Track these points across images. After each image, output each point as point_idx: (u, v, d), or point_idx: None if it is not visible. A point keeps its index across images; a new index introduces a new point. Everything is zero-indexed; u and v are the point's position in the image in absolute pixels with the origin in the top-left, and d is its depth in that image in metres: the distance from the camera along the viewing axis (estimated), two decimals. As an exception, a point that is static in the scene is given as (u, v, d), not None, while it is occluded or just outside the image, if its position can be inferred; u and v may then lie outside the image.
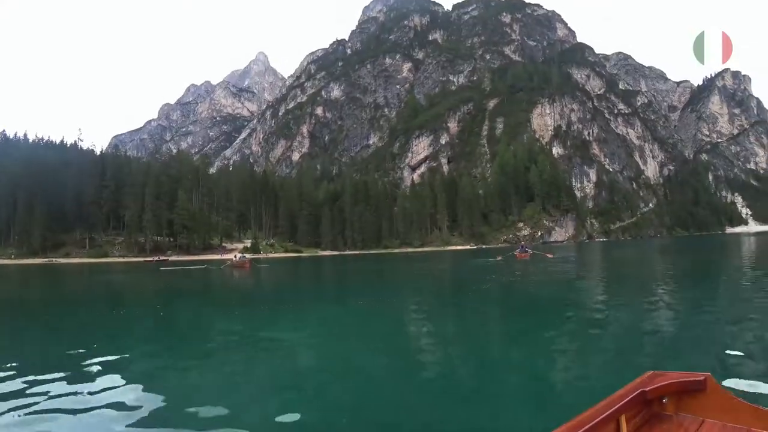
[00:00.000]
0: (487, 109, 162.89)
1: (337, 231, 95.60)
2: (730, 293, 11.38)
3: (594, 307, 10.04)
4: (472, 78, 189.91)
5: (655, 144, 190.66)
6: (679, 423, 1.81)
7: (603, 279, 17.39)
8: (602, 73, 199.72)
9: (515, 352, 6.16)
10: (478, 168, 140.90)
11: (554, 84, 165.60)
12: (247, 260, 35.48)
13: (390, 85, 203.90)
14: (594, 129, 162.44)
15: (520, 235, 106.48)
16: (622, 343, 6.44)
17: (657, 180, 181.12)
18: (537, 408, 3.89)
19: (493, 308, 11.16)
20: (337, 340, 7.43)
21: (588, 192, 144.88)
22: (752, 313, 7.92)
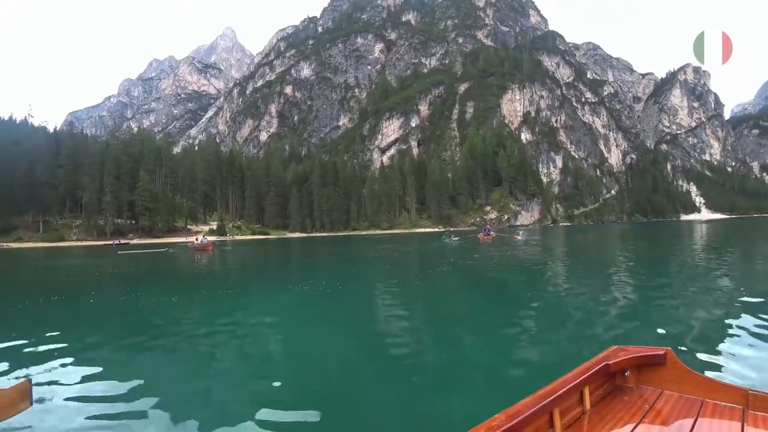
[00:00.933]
0: (458, 93, 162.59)
1: (305, 213, 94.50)
2: (684, 274, 11.81)
3: (557, 288, 10.18)
4: (444, 61, 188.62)
5: (619, 133, 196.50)
6: (639, 394, 1.89)
7: (566, 261, 17.59)
8: (572, 62, 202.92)
9: (481, 332, 6.08)
10: (447, 151, 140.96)
11: (525, 70, 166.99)
12: (210, 243, 34.11)
13: (361, 65, 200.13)
14: (562, 116, 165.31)
15: (488, 218, 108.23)
16: (586, 320, 6.53)
17: (619, 168, 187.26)
18: (504, 384, 3.91)
19: (458, 290, 10.93)
20: (300, 325, 7.07)
21: (554, 178, 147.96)
22: (704, 293, 8.32)
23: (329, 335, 6.23)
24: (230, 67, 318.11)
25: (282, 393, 3.86)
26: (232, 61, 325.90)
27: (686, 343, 4.74)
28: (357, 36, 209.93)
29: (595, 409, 1.76)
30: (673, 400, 1.81)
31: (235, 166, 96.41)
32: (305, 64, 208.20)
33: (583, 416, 1.70)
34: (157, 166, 79.77)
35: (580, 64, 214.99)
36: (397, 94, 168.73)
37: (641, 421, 1.62)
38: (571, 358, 3.73)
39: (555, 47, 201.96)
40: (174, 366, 4.98)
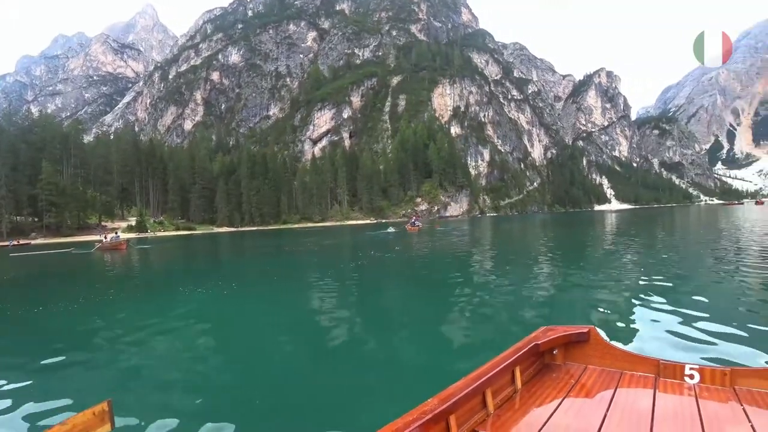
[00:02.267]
0: (391, 86, 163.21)
1: (233, 206, 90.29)
2: (599, 258, 12.56)
3: (485, 274, 10.33)
4: (378, 53, 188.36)
5: (542, 129, 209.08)
6: (566, 370, 2.00)
7: (493, 249, 17.86)
8: (500, 60, 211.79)
9: (413, 319, 6.01)
10: (379, 143, 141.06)
11: (456, 66, 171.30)
12: (123, 241, 30.27)
13: (293, 53, 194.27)
14: (489, 112, 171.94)
15: (418, 209, 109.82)
16: (515, 303, 6.63)
17: (541, 162, 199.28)
18: (438, 369, 3.90)
19: (389, 280, 10.70)
20: (216, 329, 6.30)
21: (481, 170, 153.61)
22: (615, 274, 8.79)
23: (250, 337, 5.68)
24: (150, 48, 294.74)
25: (204, 407, 3.41)
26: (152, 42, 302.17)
27: (606, 320, 5.00)
28: (289, 23, 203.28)
29: (526, 387, 1.83)
30: (596, 373, 1.93)
31: (157, 157, 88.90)
32: (234, 50, 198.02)
33: (514, 395, 1.76)
34: (64, 156, 70.32)
35: (507, 63, 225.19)
36: (329, 84, 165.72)
37: (567, 394, 1.72)
38: (503, 340, 3.75)
39: (485, 45, 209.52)
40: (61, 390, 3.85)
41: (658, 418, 1.46)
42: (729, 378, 1.74)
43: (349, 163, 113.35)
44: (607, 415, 1.50)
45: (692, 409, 1.54)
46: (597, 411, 1.55)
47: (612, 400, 1.64)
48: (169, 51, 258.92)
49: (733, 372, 1.75)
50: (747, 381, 1.72)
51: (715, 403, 1.59)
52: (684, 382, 1.79)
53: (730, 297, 6.32)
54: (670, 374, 1.83)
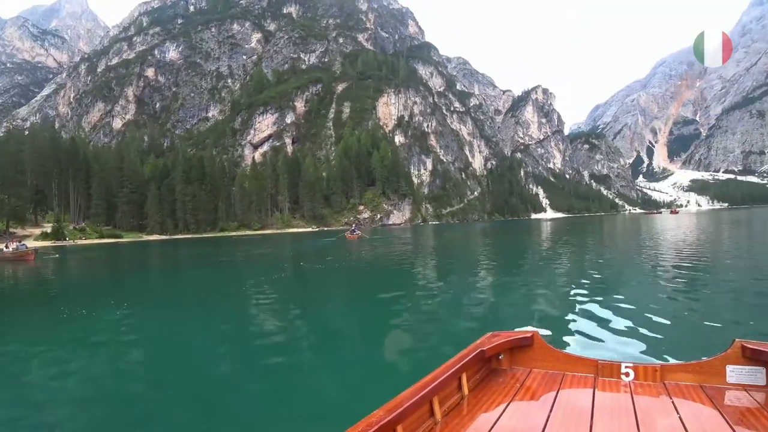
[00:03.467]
0: (336, 92, 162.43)
1: (166, 212, 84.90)
2: (536, 264, 13.02)
3: (429, 282, 10.32)
4: (324, 59, 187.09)
5: (482, 141, 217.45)
6: (512, 374, 2.06)
7: (435, 257, 18.05)
8: (444, 73, 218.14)
9: (359, 330, 5.97)
10: (322, 150, 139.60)
11: (401, 76, 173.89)
12: (31, 251, 26.96)
13: (236, 54, 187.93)
14: (433, 122, 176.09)
15: (361, 217, 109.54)
16: (460, 310, 6.70)
17: (482, 172, 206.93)
18: (385, 380, 3.91)
19: (330, 289, 10.64)
20: (157, 346, 5.90)
21: (424, 179, 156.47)
22: (552, 279, 9.11)
23: (162, 368, 5.09)
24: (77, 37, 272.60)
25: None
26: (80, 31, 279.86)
27: (547, 324, 5.17)
28: (233, 22, 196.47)
29: (473, 393, 1.86)
30: (540, 376, 2.00)
31: (80, 157, 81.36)
32: (172, 46, 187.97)
33: (462, 401, 1.79)
34: (-40, 152, 63.03)
35: (451, 76, 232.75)
36: (272, 88, 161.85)
37: (513, 398, 1.76)
38: (449, 348, 3.80)
39: (430, 58, 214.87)
40: None
41: (597, 415, 1.54)
42: (660, 374, 1.86)
43: (291, 170, 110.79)
44: (550, 416, 1.56)
45: (628, 404, 1.63)
46: (541, 412, 1.61)
47: (555, 400, 1.71)
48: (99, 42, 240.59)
49: (663, 368, 1.88)
50: (675, 375, 1.85)
51: (648, 397, 1.69)
52: (620, 379, 1.88)
53: (654, 296, 6.75)
54: (608, 373, 1.92)
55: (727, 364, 1.82)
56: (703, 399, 1.66)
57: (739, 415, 1.49)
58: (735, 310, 5.97)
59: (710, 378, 1.82)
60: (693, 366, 1.87)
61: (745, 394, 1.69)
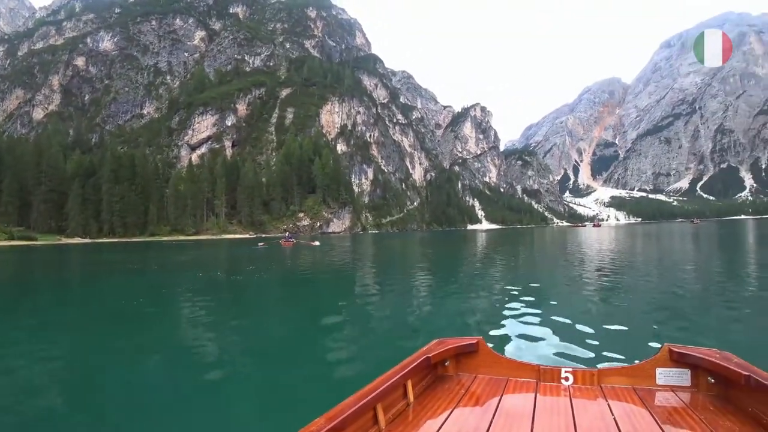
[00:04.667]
0: (279, 97, 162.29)
1: (90, 214, 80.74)
2: (477, 272, 13.04)
3: (369, 290, 10.17)
4: (269, 63, 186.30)
5: (423, 153, 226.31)
6: (458, 381, 2.08)
7: (374, 265, 17.66)
8: (388, 85, 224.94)
9: (298, 339, 5.77)
10: (263, 155, 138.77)
11: (346, 85, 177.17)
12: None
13: (177, 50, 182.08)
14: (375, 133, 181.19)
15: (300, 225, 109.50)
16: (404, 318, 6.63)
17: (421, 183, 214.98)
18: (330, 385, 3.85)
19: (265, 298, 10.08)
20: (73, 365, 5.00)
21: (365, 188, 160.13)
22: (491, 286, 9.27)
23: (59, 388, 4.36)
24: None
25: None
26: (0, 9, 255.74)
27: (491, 330, 5.25)
28: (176, 17, 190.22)
29: (418, 400, 1.86)
30: (485, 381, 2.03)
31: None
32: (106, 35, 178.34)
33: (407, 408, 1.79)
34: None
35: (395, 89, 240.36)
36: (214, 88, 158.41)
37: (458, 404, 1.78)
38: (393, 355, 3.30)
39: (375, 70, 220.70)
40: None
41: (538, 418, 1.60)
42: (596, 377, 1.94)
43: (229, 174, 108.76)
44: (493, 420, 1.59)
45: (566, 407, 1.71)
46: (485, 417, 1.64)
47: (498, 405, 1.74)
48: (22, 23, 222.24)
49: (600, 372, 1.96)
50: (611, 379, 1.94)
51: (586, 400, 1.77)
52: (560, 384, 1.94)
53: (585, 303, 7.18)
54: (549, 378, 1.98)
55: (656, 367, 1.93)
56: (636, 400, 1.75)
57: (667, 415, 1.60)
58: (658, 314, 6.27)
59: (642, 380, 1.92)
60: (626, 370, 1.98)
61: (673, 395, 1.81)
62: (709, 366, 1.80)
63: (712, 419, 1.55)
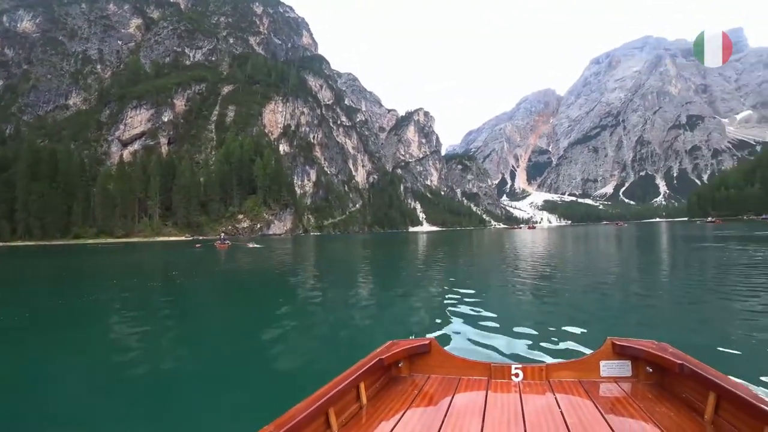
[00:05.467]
0: (221, 94, 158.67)
1: (1, 213, 75.32)
2: (421, 273, 12.97)
3: (313, 292, 9.74)
4: (211, 58, 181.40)
5: (366, 155, 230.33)
6: (411, 381, 2.12)
7: (317, 268, 16.93)
8: (333, 87, 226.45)
9: (242, 345, 5.37)
10: (201, 154, 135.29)
11: (290, 85, 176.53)
12: None
13: (109, 37, 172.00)
14: (319, 134, 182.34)
15: (240, 226, 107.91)
16: (353, 321, 6.50)
17: (364, 185, 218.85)
18: (276, 395, 3.67)
19: (202, 305, 9.16)
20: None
21: (307, 190, 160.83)
22: (440, 286, 9.18)
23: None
24: None
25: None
26: None
27: (442, 330, 5.24)
28: (110, 1, 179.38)
29: (372, 402, 1.89)
30: (438, 381, 2.09)
31: None
32: (27, 15, 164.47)
33: (360, 411, 1.81)
34: None
35: (340, 91, 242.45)
36: (150, 81, 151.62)
37: (411, 405, 1.82)
38: (345, 358, 3.32)
39: (321, 70, 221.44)
40: None
41: (489, 414, 1.64)
42: (545, 372, 2.03)
43: (165, 172, 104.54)
44: (445, 418, 1.63)
45: (516, 402, 1.76)
46: (437, 416, 1.66)
47: (450, 404, 1.78)
48: None
49: (548, 367, 2.06)
50: (558, 373, 2.04)
51: (535, 395, 1.84)
52: (511, 380, 2.02)
53: (529, 300, 7.33)
54: (500, 375, 2.05)
55: (600, 360, 2.03)
56: (581, 393, 1.84)
57: (610, 405, 1.69)
58: (600, 309, 6.47)
59: (587, 373, 2.02)
60: (573, 364, 2.07)
61: (616, 386, 1.91)
62: (647, 357, 1.91)
63: (650, 406, 1.64)
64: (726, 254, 13.88)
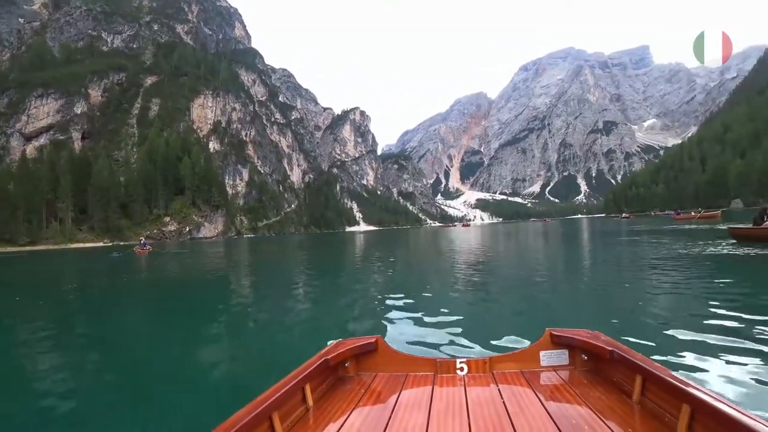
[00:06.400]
0: (144, 86, 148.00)
1: None
2: (360, 273, 12.80)
3: (251, 298, 9.29)
4: (132, 45, 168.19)
5: (301, 154, 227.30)
6: (358, 380, 2.12)
7: (253, 271, 16.18)
8: (267, 83, 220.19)
9: (173, 357, 4.98)
10: (122, 151, 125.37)
11: (221, 79, 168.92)
12: None
13: (9, 14, 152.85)
14: (252, 131, 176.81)
15: (166, 230, 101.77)
16: (294, 324, 6.28)
17: (299, 185, 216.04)
18: (223, 400, 3.47)
19: (135, 310, 8.74)
20: None
21: (240, 190, 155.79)
22: (380, 286, 9.26)
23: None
24: None
25: None
26: None
27: (387, 328, 5.21)
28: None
29: (318, 404, 1.87)
30: (385, 379, 2.12)
31: None
32: None
33: (307, 413, 1.79)
34: None
35: (274, 87, 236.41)
36: (60, 67, 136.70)
37: (358, 404, 1.83)
38: (293, 360, 2.83)
39: (254, 64, 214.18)
40: None
41: (434, 408, 1.69)
42: (488, 365, 2.09)
43: (78, 171, 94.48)
44: (392, 416, 1.65)
45: (461, 396, 1.81)
46: (384, 413, 1.69)
47: (397, 400, 1.81)
48: None
49: (492, 360, 2.12)
50: (502, 365, 2.11)
51: (479, 387, 1.90)
52: (456, 374, 2.06)
53: (469, 295, 7.39)
54: (445, 370, 2.10)
55: (540, 350, 2.13)
56: (523, 382, 1.92)
57: (549, 393, 1.78)
58: (538, 302, 6.68)
59: (529, 364, 2.11)
60: (515, 355, 2.15)
61: (554, 374, 2.01)
62: (582, 345, 2.03)
63: (585, 392, 1.76)
64: (639, 248, 14.70)
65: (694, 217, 39.15)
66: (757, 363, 3.26)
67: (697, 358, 3.44)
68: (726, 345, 3.70)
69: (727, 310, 4.93)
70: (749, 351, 3.52)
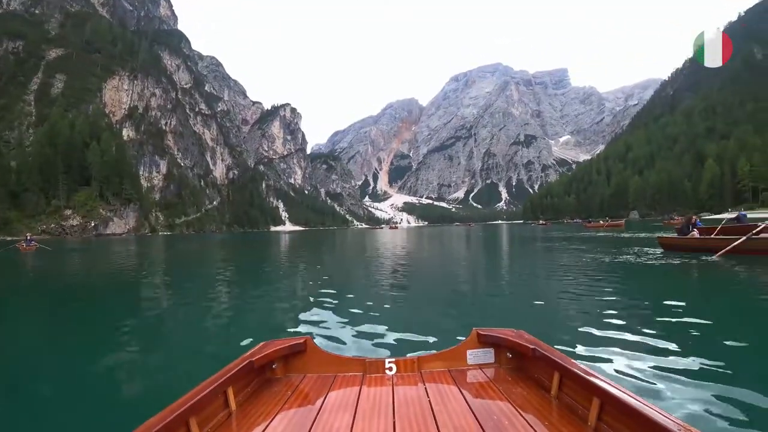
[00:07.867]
0: (46, 59, 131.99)
1: None
2: (286, 275, 12.43)
3: (165, 300, 8.68)
4: (33, 9, 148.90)
5: (226, 149, 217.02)
6: (287, 382, 2.10)
7: (167, 272, 15.01)
8: (193, 69, 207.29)
9: (78, 365, 4.38)
10: (14, 131, 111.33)
11: (140, 60, 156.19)
12: None
13: None
14: (173, 121, 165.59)
15: (67, 225, 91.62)
16: (216, 326, 5.91)
17: (223, 181, 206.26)
18: (135, 408, 3.18)
19: (21, 321, 7.33)
20: None
21: (156, 183, 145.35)
22: (308, 287, 9.03)
23: None
24: None
25: None
26: None
27: (317, 329, 5.16)
28: None
29: (242, 408, 1.82)
30: (313, 380, 2.10)
31: None
32: None
33: (229, 418, 1.74)
34: None
35: (200, 75, 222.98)
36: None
37: (284, 406, 1.79)
38: (215, 363, 2.91)
39: (179, 48, 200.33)
40: None
41: (361, 409, 1.69)
42: (417, 365, 2.11)
43: None
44: (317, 416, 1.64)
45: (388, 395, 1.82)
46: (310, 414, 1.67)
47: (324, 401, 1.80)
48: None
49: (420, 359, 2.14)
50: (430, 364, 2.13)
51: (407, 387, 1.92)
52: (385, 374, 2.08)
53: (396, 296, 7.42)
54: (374, 370, 2.11)
55: (467, 349, 2.18)
56: (449, 381, 1.95)
57: (475, 390, 1.82)
58: (466, 302, 6.78)
59: (456, 363, 2.15)
60: (443, 354, 2.18)
61: (480, 372, 2.06)
62: (507, 344, 2.09)
63: (508, 388, 1.82)
64: (556, 253, 15.53)
65: (602, 225, 43.58)
66: (660, 359, 3.49)
67: (608, 353, 3.68)
68: (635, 341, 3.99)
69: (640, 310, 5.37)
70: (656, 348, 3.75)
